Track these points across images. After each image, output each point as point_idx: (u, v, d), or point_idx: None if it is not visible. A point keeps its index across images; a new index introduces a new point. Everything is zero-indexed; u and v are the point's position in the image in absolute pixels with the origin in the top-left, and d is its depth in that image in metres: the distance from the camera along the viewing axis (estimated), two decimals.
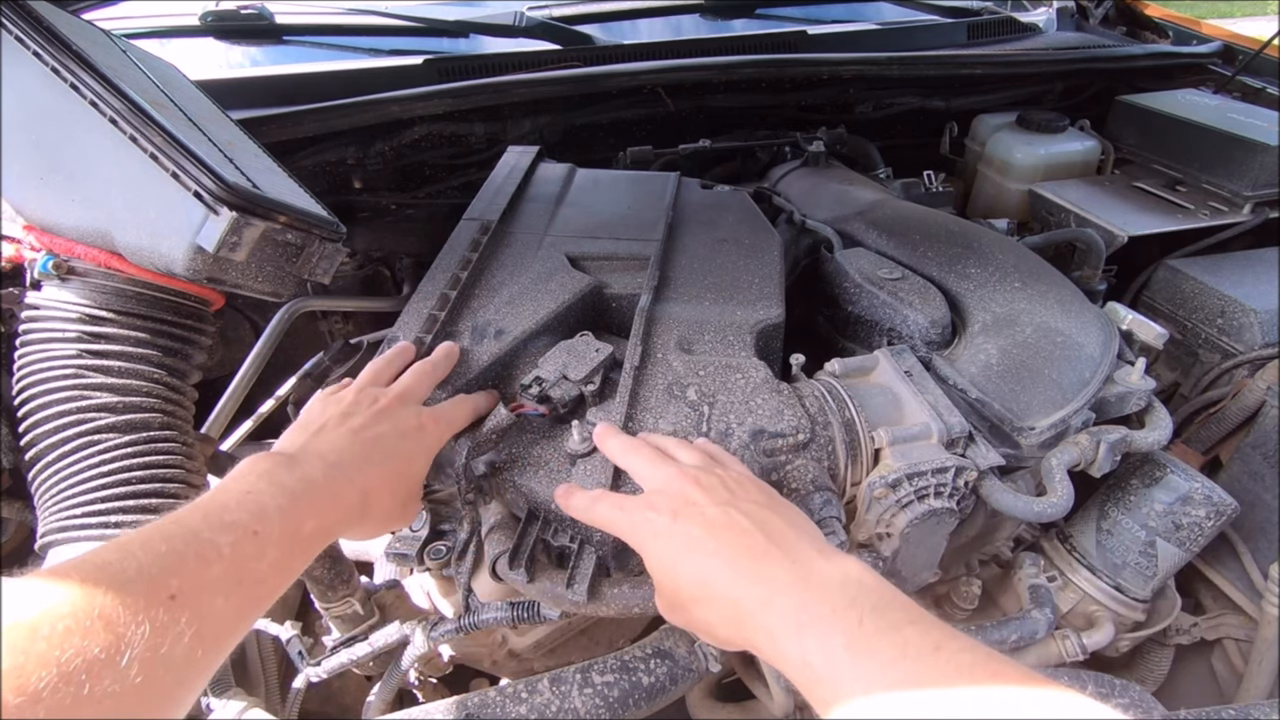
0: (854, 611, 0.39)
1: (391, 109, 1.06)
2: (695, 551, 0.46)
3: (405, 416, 0.57)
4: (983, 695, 0.34)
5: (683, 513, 0.48)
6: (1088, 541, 0.80)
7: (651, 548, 0.49)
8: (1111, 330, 0.77)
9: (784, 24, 1.50)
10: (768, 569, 0.44)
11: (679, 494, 0.50)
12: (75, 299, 0.69)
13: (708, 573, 0.45)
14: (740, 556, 0.45)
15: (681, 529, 0.47)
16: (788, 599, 0.41)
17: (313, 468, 0.50)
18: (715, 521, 0.47)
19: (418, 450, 0.57)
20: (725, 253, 0.85)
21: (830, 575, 0.42)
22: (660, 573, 0.48)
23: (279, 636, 0.71)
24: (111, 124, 0.62)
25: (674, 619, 0.50)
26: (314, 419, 0.57)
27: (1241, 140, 1.07)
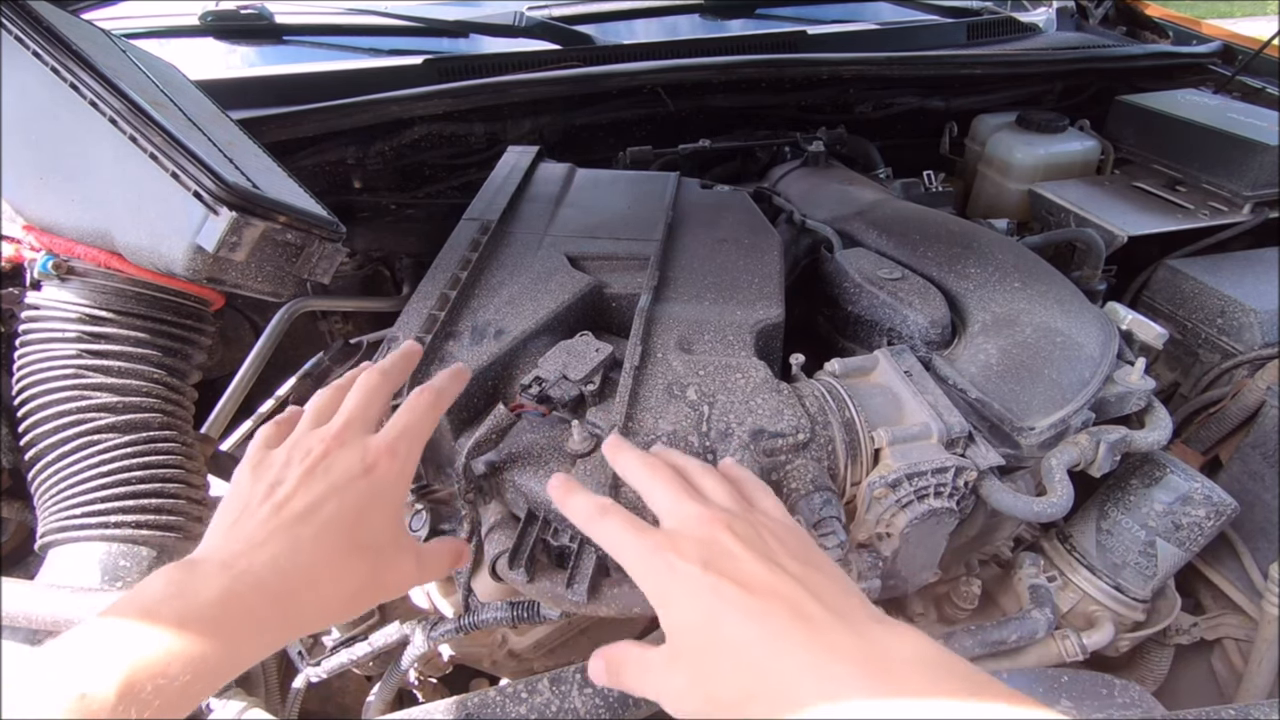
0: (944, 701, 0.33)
1: (391, 109, 1.06)
2: (734, 612, 0.38)
3: (345, 464, 0.46)
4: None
5: (715, 564, 0.40)
6: (1088, 541, 0.80)
7: (675, 599, 0.40)
8: (1111, 330, 0.77)
9: (784, 24, 1.50)
10: (829, 644, 0.37)
11: (709, 540, 0.42)
12: (75, 299, 0.69)
13: (751, 639, 0.37)
14: (793, 627, 0.37)
15: (713, 583, 0.39)
16: (860, 682, 0.35)
17: (208, 586, 0.39)
18: (756, 581, 0.39)
19: (371, 502, 0.46)
20: (725, 253, 0.85)
21: (904, 653, 0.36)
22: (684, 634, 0.40)
23: None
24: (111, 124, 0.63)
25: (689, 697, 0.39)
26: (237, 498, 0.46)
27: (1241, 140, 1.07)
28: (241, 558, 0.41)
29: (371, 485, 0.46)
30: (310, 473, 0.45)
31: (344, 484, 0.45)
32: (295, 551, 0.42)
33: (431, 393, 0.52)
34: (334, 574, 0.43)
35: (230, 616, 0.39)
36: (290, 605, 0.41)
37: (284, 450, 0.48)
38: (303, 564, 0.42)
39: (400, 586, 0.48)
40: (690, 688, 0.39)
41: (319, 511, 0.44)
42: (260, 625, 0.40)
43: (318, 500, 0.44)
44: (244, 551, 0.41)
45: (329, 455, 0.46)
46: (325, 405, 0.51)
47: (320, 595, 0.43)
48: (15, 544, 0.82)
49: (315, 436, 0.48)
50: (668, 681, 0.40)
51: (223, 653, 0.38)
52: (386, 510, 0.47)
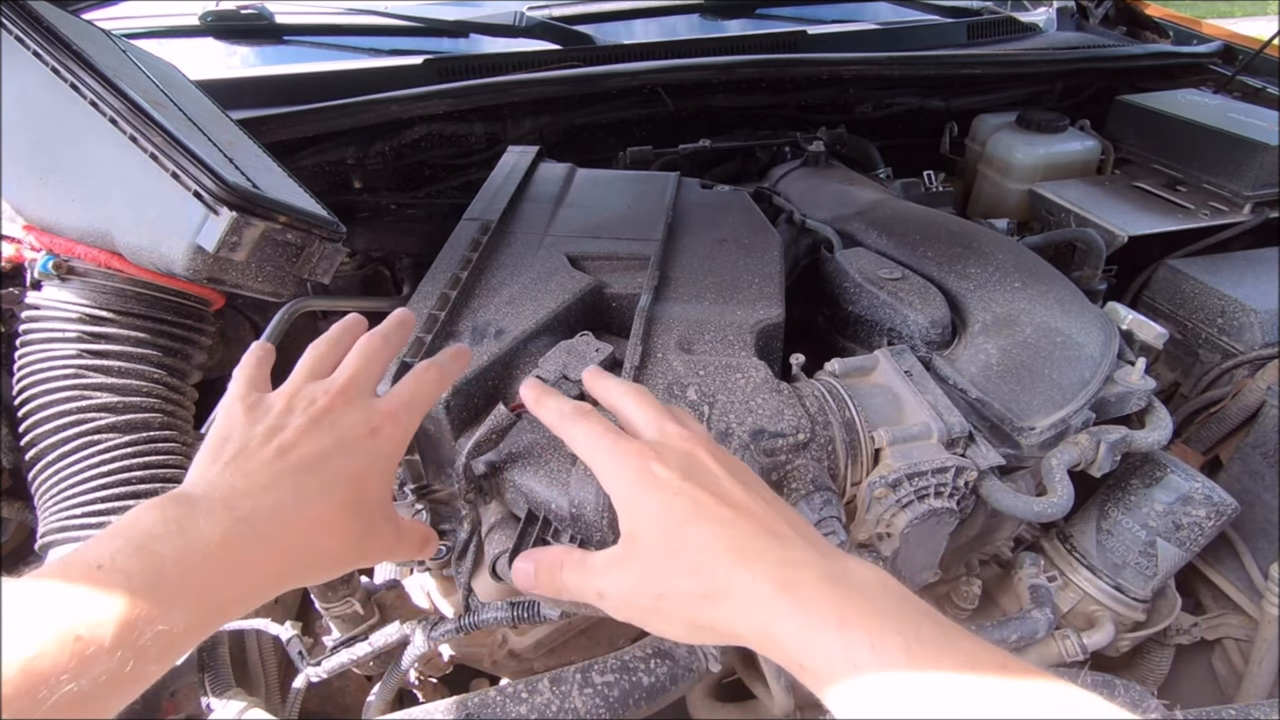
0: (909, 618, 0.35)
1: (391, 109, 1.06)
2: (705, 519, 0.39)
3: (352, 420, 0.45)
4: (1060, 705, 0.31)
5: (694, 476, 0.41)
6: (1088, 541, 0.80)
7: (647, 501, 0.41)
8: (1111, 330, 0.77)
9: (784, 24, 1.50)
10: (792, 557, 0.38)
11: (689, 454, 0.43)
12: (75, 299, 0.69)
13: (717, 544, 0.38)
14: (759, 537, 0.39)
15: (690, 490, 0.40)
16: (821, 590, 0.36)
17: (211, 525, 0.37)
18: (731, 495, 0.41)
19: (371, 465, 0.45)
20: (725, 253, 0.85)
21: (868, 576, 0.37)
22: (649, 533, 0.40)
23: (279, 636, 0.71)
24: (111, 124, 0.63)
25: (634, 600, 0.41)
26: (231, 434, 0.44)
27: (1242, 140, 1.07)
28: (245, 499, 0.39)
29: (374, 448, 0.45)
30: (316, 423, 0.44)
31: (350, 441, 0.44)
32: (301, 501, 0.41)
33: (436, 369, 0.52)
34: (332, 531, 0.42)
35: (232, 561, 0.37)
36: (289, 556, 0.40)
37: (282, 396, 0.46)
38: (306, 515, 0.41)
39: (379, 555, 0.47)
40: (639, 586, 0.40)
41: (326, 464, 0.42)
42: (259, 574, 0.39)
43: (324, 452, 0.43)
44: (247, 492, 0.40)
45: (334, 410, 0.45)
46: (322, 359, 0.50)
47: (316, 550, 0.42)
48: (15, 544, 0.82)
49: (319, 388, 0.46)
50: (613, 581, 0.41)
51: (221, 598, 0.37)
52: (384, 476, 0.46)
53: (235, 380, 0.48)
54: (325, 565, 0.43)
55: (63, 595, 0.33)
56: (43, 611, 0.32)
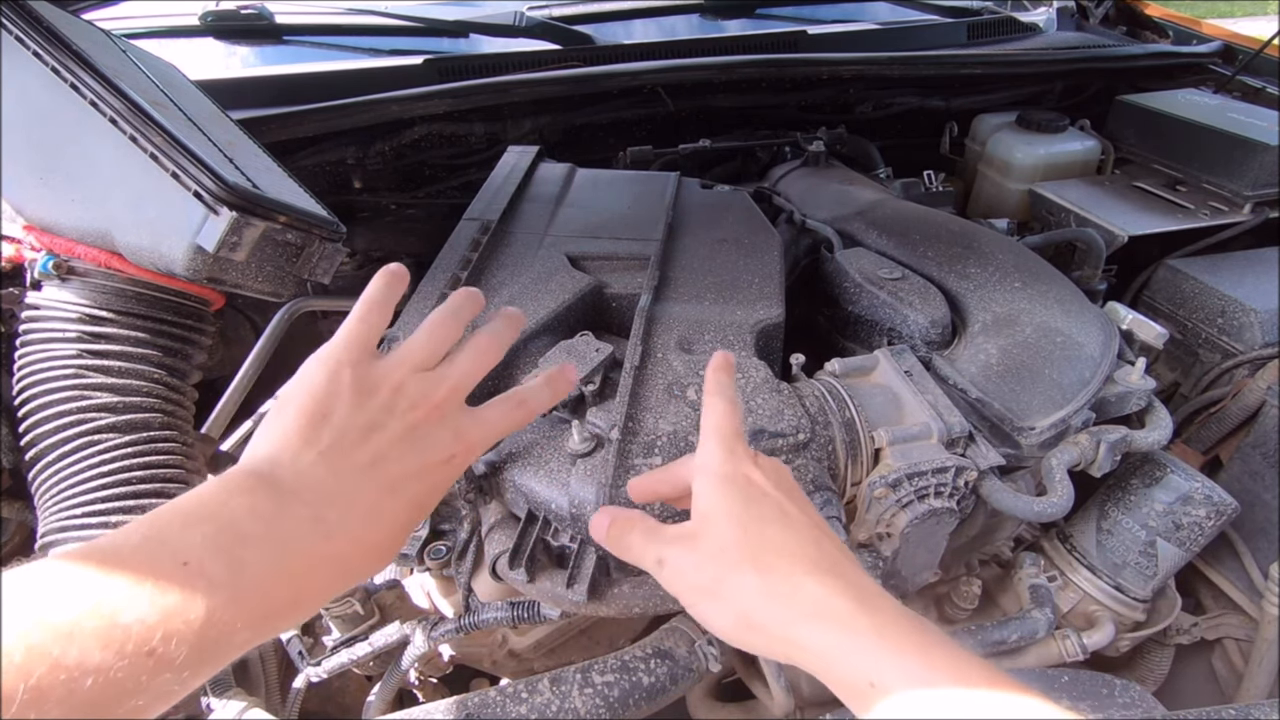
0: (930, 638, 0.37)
1: (391, 109, 1.06)
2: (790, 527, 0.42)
3: (440, 442, 0.43)
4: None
5: (784, 488, 0.45)
6: (1088, 541, 0.80)
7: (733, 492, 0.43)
8: (1111, 330, 0.77)
9: (784, 24, 1.50)
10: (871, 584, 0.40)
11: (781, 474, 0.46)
12: (75, 299, 0.69)
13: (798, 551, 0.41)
14: (842, 560, 0.41)
15: (780, 499, 0.43)
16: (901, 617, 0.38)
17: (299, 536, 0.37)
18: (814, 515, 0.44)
19: (436, 492, 0.44)
20: (725, 253, 0.85)
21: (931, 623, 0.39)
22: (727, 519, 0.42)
23: (279, 636, 0.71)
24: (111, 124, 0.63)
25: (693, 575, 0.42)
26: (333, 412, 0.41)
27: (1241, 140, 1.07)
28: (331, 509, 0.39)
29: (446, 477, 0.44)
30: (409, 437, 0.42)
31: (432, 466, 0.43)
32: (373, 522, 0.41)
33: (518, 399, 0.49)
34: (382, 554, 0.42)
35: (309, 580, 0.37)
36: (348, 574, 0.41)
37: (388, 384, 0.43)
38: (373, 539, 0.41)
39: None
40: (700, 565, 0.42)
41: (405, 488, 0.42)
42: (323, 590, 0.39)
43: (408, 474, 0.42)
44: (332, 502, 0.39)
45: (430, 423, 0.43)
46: (438, 342, 0.47)
47: (364, 569, 0.42)
48: (15, 544, 0.81)
49: (420, 390, 0.44)
50: (677, 553, 0.43)
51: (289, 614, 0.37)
52: (431, 508, 0.45)
53: (345, 332, 0.45)
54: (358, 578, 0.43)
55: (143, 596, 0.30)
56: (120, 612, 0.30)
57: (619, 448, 0.58)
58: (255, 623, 0.34)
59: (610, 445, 0.59)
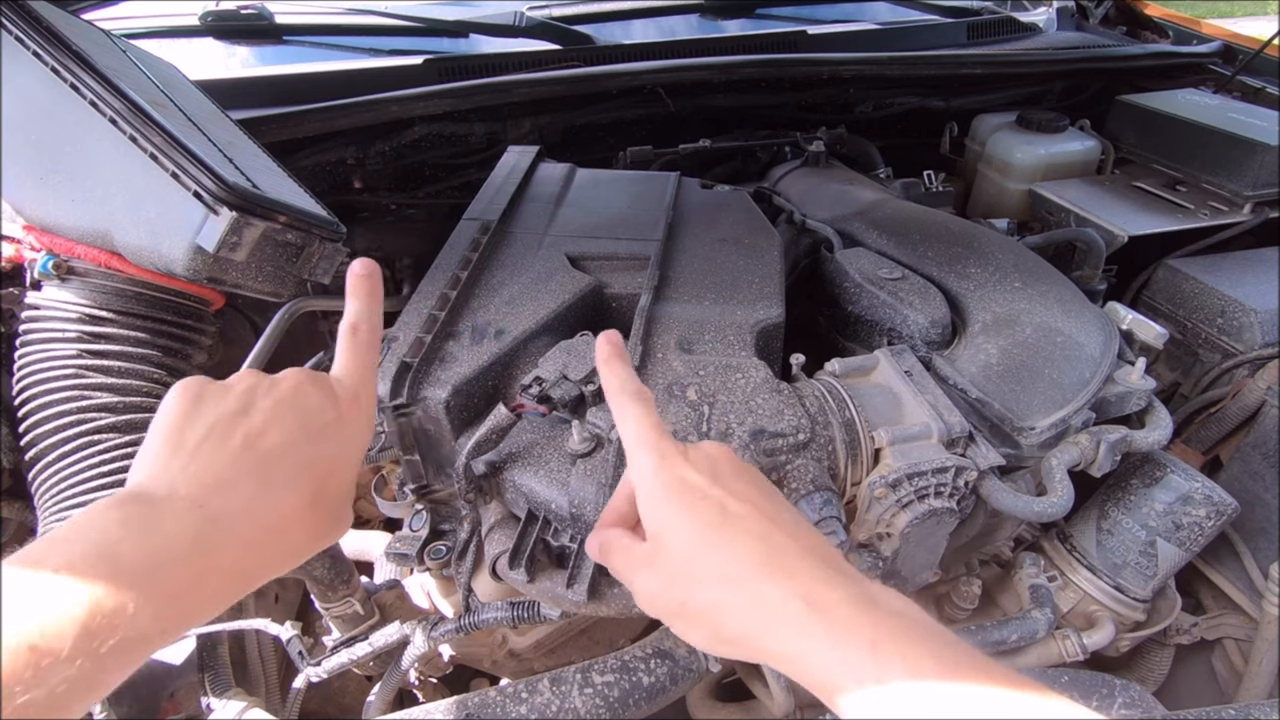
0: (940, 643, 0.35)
1: (391, 109, 1.06)
2: (734, 528, 0.39)
3: (318, 405, 0.42)
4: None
5: (722, 482, 0.41)
6: (1088, 541, 0.80)
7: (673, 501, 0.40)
8: (1111, 330, 0.77)
9: (784, 24, 1.50)
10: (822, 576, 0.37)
11: (716, 460, 0.43)
12: (75, 299, 0.69)
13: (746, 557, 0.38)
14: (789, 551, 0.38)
15: (720, 496, 0.40)
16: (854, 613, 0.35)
17: (179, 526, 0.35)
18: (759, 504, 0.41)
19: (339, 453, 0.43)
20: (725, 253, 0.85)
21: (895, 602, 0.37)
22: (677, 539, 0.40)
23: (279, 636, 0.71)
24: (111, 124, 0.63)
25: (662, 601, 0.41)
26: (191, 419, 0.40)
27: (1241, 140, 1.07)
28: (214, 497, 0.37)
29: (342, 435, 0.43)
30: (279, 406, 0.41)
31: (319, 427, 0.42)
32: (269, 494, 0.39)
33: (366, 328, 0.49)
34: (301, 525, 0.40)
35: (204, 562, 0.35)
36: (260, 553, 0.39)
37: (243, 381, 0.43)
38: (275, 509, 0.39)
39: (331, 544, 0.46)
40: (664, 589, 0.40)
41: (294, 454, 0.40)
42: (231, 574, 0.37)
43: (293, 440, 0.41)
44: (215, 489, 0.37)
45: (300, 393, 0.42)
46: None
47: (284, 545, 0.40)
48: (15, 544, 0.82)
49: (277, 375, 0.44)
50: (643, 579, 0.42)
51: (192, 601, 0.35)
52: (351, 470, 0.44)
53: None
54: (290, 559, 0.42)
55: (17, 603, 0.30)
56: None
57: (619, 448, 0.58)
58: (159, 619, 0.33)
59: (610, 445, 0.59)
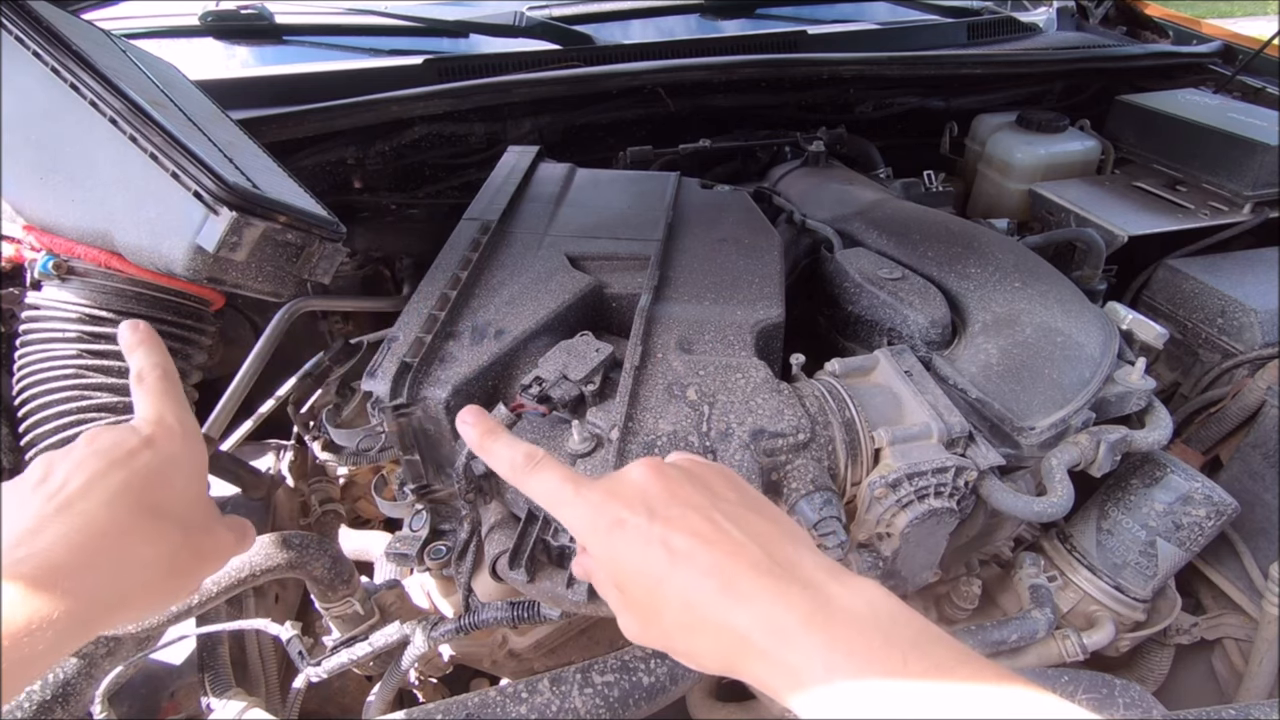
0: (894, 651, 0.33)
1: (391, 109, 1.06)
2: (683, 567, 0.37)
3: (114, 440, 0.42)
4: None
5: (661, 513, 0.39)
6: (1088, 541, 0.80)
7: (622, 553, 0.39)
8: (1111, 330, 0.77)
9: (784, 24, 1.50)
10: (776, 595, 0.36)
11: (650, 486, 0.40)
12: (75, 299, 0.69)
13: (700, 595, 0.37)
14: (740, 578, 0.36)
15: (661, 533, 0.38)
16: (809, 635, 0.34)
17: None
18: (704, 529, 0.38)
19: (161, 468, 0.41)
20: (725, 253, 0.85)
21: (853, 605, 0.35)
22: (633, 587, 0.39)
23: (279, 636, 0.71)
24: (111, 124, 0.63)
25: (646, 641, 0.40)
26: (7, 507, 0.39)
27: (1241, 140, 1.07)
28: (19, 546, 0.36)
29: (158, 454, 0.42)
30: (85, 458, 0.40)
31: (123, 457, 0.40)
32: (87, 523, 0.37)
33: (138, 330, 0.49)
34: (140, 538, 0.38)
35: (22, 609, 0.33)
36: (95, 577, 0.36)
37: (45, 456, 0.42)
38: (99, 531, 0.37)
39: (222, 556, 0.44)
40: (643, 635, 0.40)
41: (103, 482, 0.39)
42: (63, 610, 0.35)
43: (98, 474, 0.39)
44: (20, 540, 0.36)
45: (95, 439, 0.42)
46: None
47: (130, 562, 0.38)
48: None
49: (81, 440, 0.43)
50: (625, 622, 0.41)
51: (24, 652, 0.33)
52: (185, 477, 0.43)
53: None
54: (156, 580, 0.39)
55: None
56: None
57: (619, 448, 0.58)
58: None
59: (610, 445, 0.59)
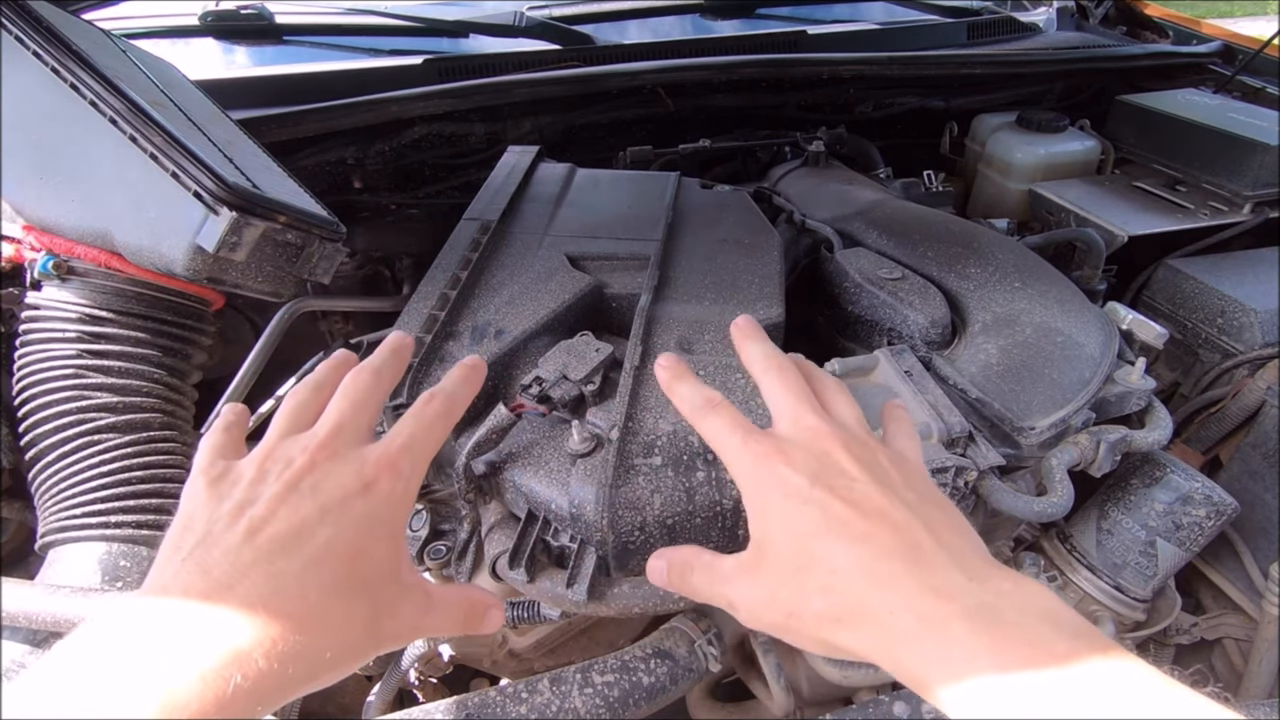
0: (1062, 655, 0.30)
1: (391, 109, 1.06)
2: (836, 534, 0.35)
3: (341, 475, 0.37)
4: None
5: (825, 480, 0.37)
6: (1088, 541, 0.80)
7: (774, 509, 0.38)
8: (1111, 330, 0.77)
9: (784, 24, 1.50)
10: (939, 578, 0.33)
11: (823, 455, 0.39)
12: (75, 299, 0.69)
13: (849, 563, 0.35)
14: (897, 555, 0.34)
15: (821, 498, 0.36)
16: (973, 632, 0.31)
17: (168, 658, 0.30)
18: (867, 503, 0.36)
19: (369, 530, 0.37)
20: (725, 253, 0.85)
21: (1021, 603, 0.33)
22: (779, 544, 0.37)
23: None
24: (111, 124, 0.63)
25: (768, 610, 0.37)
26: (194, 518, 0.36)
27: (1241, 140, 1.07)
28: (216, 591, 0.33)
29: (370, 507, 0.37)
30: (293, 489, 0.36)
31: (337, 505, 0.36)
32: (278, 591, 0.33)
33: (444, 399, 0.44)
34: (325, 625, 0.34)
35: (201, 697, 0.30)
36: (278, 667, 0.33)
37: (253, 462, 0.38)
38: (288, 610, 0.33)
39: (402, 637, 0.39)
40: (770, 601, 0.37)
41: (307, 539, 0.35)
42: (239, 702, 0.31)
43: (304, 525, 0.35)
44: (215, 594, 0.32)
45: (316, 468, 0.37)
46: (303, 407, 0.42)
47: (311, 652, 0.33)
48: (15, 544, 0.81)
49: (296, 445, 0.39)
50: (747, 590, 0.39)
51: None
52: (388, 539, 0.38)
53: (200, 450, 0.41)
54: (327, 666, 0.35)
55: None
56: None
57: (619, 448, 0.58)
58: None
59: (610, 445, 0.59)
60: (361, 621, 0.36)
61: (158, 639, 0.31)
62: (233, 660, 0.31)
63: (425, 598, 0.40)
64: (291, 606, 0.33)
